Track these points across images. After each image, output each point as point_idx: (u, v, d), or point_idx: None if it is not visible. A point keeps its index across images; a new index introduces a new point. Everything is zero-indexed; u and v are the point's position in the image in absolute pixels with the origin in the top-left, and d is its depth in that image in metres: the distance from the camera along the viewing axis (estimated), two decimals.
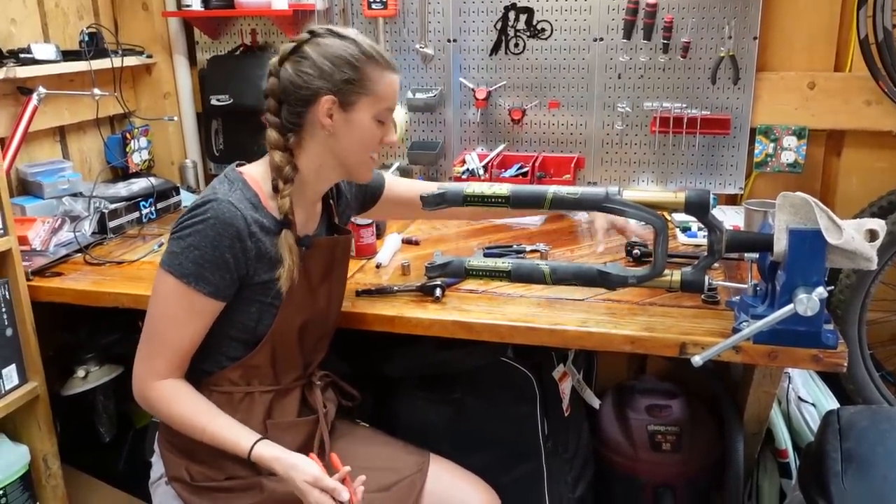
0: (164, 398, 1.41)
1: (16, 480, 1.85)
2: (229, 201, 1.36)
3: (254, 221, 1.38)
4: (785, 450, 1.92)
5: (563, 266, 1.55)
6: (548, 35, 2.37)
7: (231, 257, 1.36)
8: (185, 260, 1.35)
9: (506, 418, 1.94)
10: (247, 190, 1.40)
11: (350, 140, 1.42)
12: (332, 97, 1.38)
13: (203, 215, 1.35)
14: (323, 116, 1.39)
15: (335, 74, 1.38)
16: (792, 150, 2.25)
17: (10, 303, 1.80)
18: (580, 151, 2.45)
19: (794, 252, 1.33)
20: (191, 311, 1.38)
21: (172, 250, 1.37)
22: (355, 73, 1.39)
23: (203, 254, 1.34)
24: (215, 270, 1.35)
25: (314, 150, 1.44)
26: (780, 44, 2.24)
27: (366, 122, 1.42)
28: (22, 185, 2.22)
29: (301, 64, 1.39)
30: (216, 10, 2.52)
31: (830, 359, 1.39)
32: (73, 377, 2.08)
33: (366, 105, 1.41)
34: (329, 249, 1.53)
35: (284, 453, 1.39)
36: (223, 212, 1.34)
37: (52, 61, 2.17)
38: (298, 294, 1.46)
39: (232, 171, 1.45)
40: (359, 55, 1.39)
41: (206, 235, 1.34)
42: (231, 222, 1.34)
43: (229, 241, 1.35)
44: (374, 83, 1.40)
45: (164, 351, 1.40)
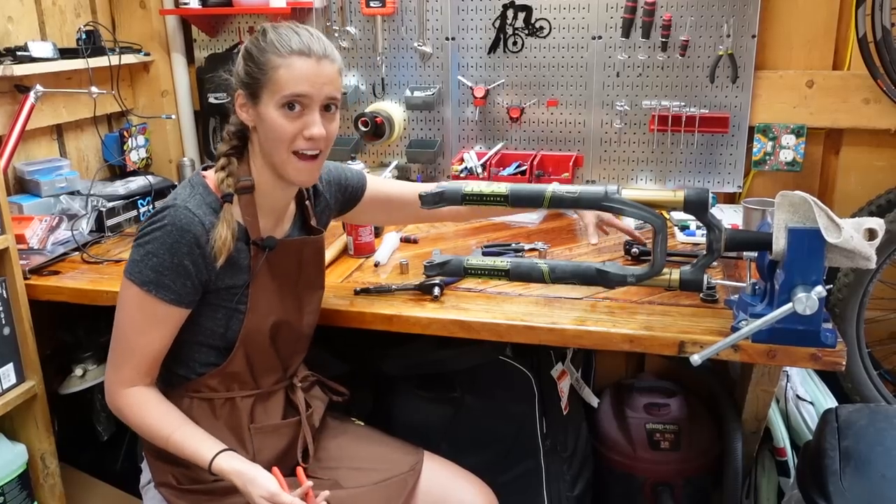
0: (133, 405, 1.40)
1: (14, 479, 1.85)
2: (186, 207, 1.34)
3: (213, 226, 1.35)
4: (783, 448, 1.92)
5: (561, 265, 1.54)
6: (546, 33, 2.37)
7: (190, 263, 1.34)
8: (145, 268, 1.33)
9: (504, 417, 1.94)
10: (208, 195, 1.38)
11: (266, 136, 1.37)
12: (240, 91, 1.38)
13: (161, 222, 1.33)
14: (240, 112, 1.40)
15: (241, 68, 1.38)
16: (790, 149, 2.25)
17: (8, 301, 1.80)
18: (579, 150, 2.44)
19: (793, 251, 1.33)
20: (154, 319, 1.36)
21: (133, 258, 1.35)
22: (255, 63, 1.35)
23: (161, 261, 1.33)
24: (175, 277, 1.34)
25: (256, 150, 1.43)
26: (778, 42, 2.24)
27: (272, 114, 1.35)
28: (19, 184, 2.22)
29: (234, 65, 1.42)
30: (214, 7, 2.51)
31: (829, 357, 1.39)
32: (71, 376, 2.08)
33: (267, 95, 1.35)
34: (296, 250, 1.50)
35: (245, 466, 1.36)
36: (180, 218, 1.32)
37: (50, 59, 2.16)
38: (265, 297, 1.44)
39: (195, 176, 1.43)
40: (261, 44, 1.35)
41: (163, 242, 1.32)
42: (188, 228, 1.32)
43: (187, 248, 1.33)
44: (273, 69, 1.33)
45: (130, 359, 1.39)
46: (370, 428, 1.74)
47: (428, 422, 1.95)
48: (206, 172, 1.44)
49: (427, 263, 1.61)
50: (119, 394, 1.41)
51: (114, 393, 1.41)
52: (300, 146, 1.37)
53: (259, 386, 1.50)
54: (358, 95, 2.58)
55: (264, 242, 1.43)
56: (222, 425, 1.46)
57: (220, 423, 1.46)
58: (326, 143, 1.39)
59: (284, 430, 1.52)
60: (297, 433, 1.53)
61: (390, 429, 1.75)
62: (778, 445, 1.92)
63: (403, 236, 2.08)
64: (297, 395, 1.55)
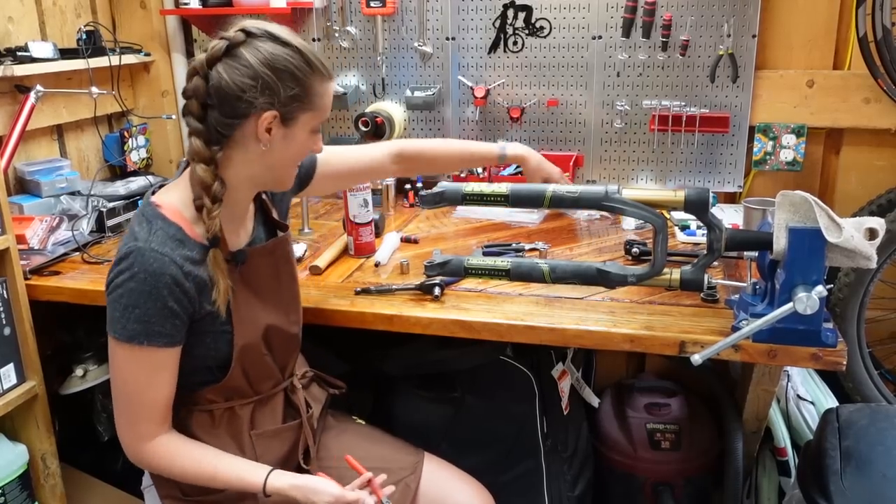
0: (163, 458, 1.36)
1: (14, 480, 1.85)
2: (153, 248, 1.26)
3: (185, 260, 1.28)
4: (784, 448, 1.92)
5: (562, 265, 1.55)
6: (546, 33, 2.37)
7: (175, 303, 1.28)
8: (129, 322, 1.27)
9: (505, 417, 1.94)
10: (168, 226, 1.29)
11: (284, 154, 1.34)
12: (274, 112, 1.28)
13: (130, 270, 1.26)
14: (262, 132, 1.29)
15: (280, 89, 1.27)
16: (791, 149, 2.25)
17: (8, 302, 1.80)
18: (579, 150, 2.44)
19: (794, 250, 1.33)
20: (154, 368, 1.31)
21: (113, 315, 1.29)
22: (300, 87, 1.29)
23: (145, 311, 1.26)
24: (164, 321, 1.28)
25: (241, 164, 1.33)
26: (779, 42, 2.24)
27: (303, 137, 1.34)
28: (19, 184, 2.22)
29: (238, 71, 1.26)
30: (214, 8, 2.52)
31: (830, 357, 1.39)
32: (72, 376, 2.08)
33: (306, 120, 1.32)
34: (269, 254, 1.47)
35: (299, 479, 1.36)
36: (150, 263, 1.25)
37: (50, 59, 2.16)
38: (248, 310, 1.41)
39: (148, 207, 1.33)
40: (304, 67, 1.29)
41: (141, 292, 1.25)
42: (162, 272, 1.25)
43: (167, 290, 1.26)
44: (318, 97, 1.32)
45: (143, 413, 1.33)
46: (371, 427, 1.74)
47: (428, 422, 1.95)
48: (159, 199, 1.34)
49: (427, 263, 1.61)
50: (143, 450, 1.35)
51: (137, 451, 1.36)
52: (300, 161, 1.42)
53: (258, 392, 1.48)
54: (358, 95, 2.58)
55: (235, 258, 1.39)
56: (223, 433, 1.44)
57: (221, 431, 1.44)
58: None
59: (286, 434, 1.51)
60: (298, 435, 1.53)
61: (391, 429, 1.75)
62: (779, 445, 1.92)
63: (404, 236, 2.08)
64: (297, 396, 1.55)
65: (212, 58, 1.28)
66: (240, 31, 1.30)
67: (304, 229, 2.18)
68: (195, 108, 1.29)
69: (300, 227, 2.17)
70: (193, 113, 1.30)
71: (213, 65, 1.28)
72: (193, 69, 1.30)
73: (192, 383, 1.41)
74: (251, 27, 1.31)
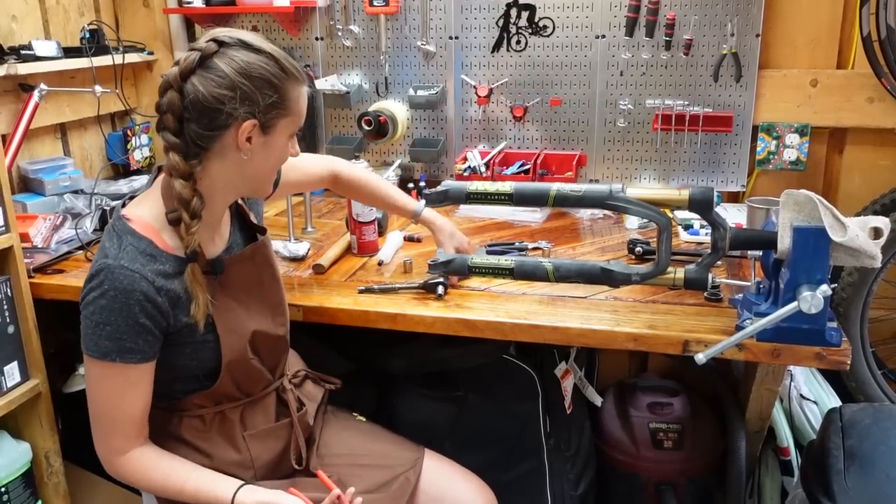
0: (136, 471, 1.35)
1: (18, 478, 1.85)
2: (122, 265, 1.24)
3: (156, 275, 1.27)
4: (787, 447, 1.92)
5: (565, 263, 1.54)
6: (550, 32, 2.37)
7: (147, 319, 1.26)
8: (101, 339, 1.25)
9: (508, 415, 1.94)
10: (139, 241, 1.28)
11: (265, 162, 1.33)
12: (254, 121, 1.27)
13: (100, 288, 1.24)
14: (242, 142, 1.27)
15: (258, 97, 1.25)
16: (794, 148, 2.24)
17: (12, 300, 1.80)
18: (582, 149, 2.44)
19: (798, 250, 1.33)
20: (126, 384, 1.30)
21: (86, 332, 1.28)
22: (277, 94, 1.27)
23: (116, 328, 1.25)
24: (136, 337, 1.26)
25: (220, 174, 1.32)
26: (782, 41, 2.24)
27: (282, 143, 1.33)
28: (23, 183, 2.22)
29: (214, 82, 1.24)
30: (217, 6, 2.52)
31: (834, 357, 1.39)
32: (75, 374, 2.08)
33: (284, 126, 1.32)
34: (248, 260, 1.45)
35: (268, 495, 1.35)
36: (120, 280, 1.23)
37: (54, 58, 2.17)
38: (232, 317, 1.39)
39: (118, 221, 1.31)
40: (279, 73, 1.28)
41: (112, 310, 1.24)
42: (133, 288, 1.24)
43: (139, 307, 1.24)
44: (294, 101, 1.31)
45: (117, 428, 1.33)
46: (372, 424, 1.74)
47: (432, 420, 1.95)
48: (129, 213, 1.32)
49: (431, 262, 1.61)
50: (116, 463, 1.34)
51: (111, 463, 1.35)
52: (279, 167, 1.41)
53: (248, 395, 1.47)
54: (361, 94, 2.58)
55: (213, 268, 1.37)
56: (215, 436, 1.43)
57: (213, 434, 1.43)
58: None
59: (280, 432, 1.51)
60: (291, 434, 1.52)
61: (394, 427, 1.75)
62: (781, 445, 1.92)
63: (407, 235, 2.09)
64: (288, 396, 1.53)
65: (185, 70, 1.25)
66: (211, 42, 1.26)
67: (307, 228, 2.18)
68: (171, 123, 1.26)
69: (303, 226, 2.18)
70: (169, 128, 1.27)
71: (186, 77, 1.25)
72: (167, 83, 1.26)
73: (178, 391, 1.40)
74: (222, 36, 1.27)
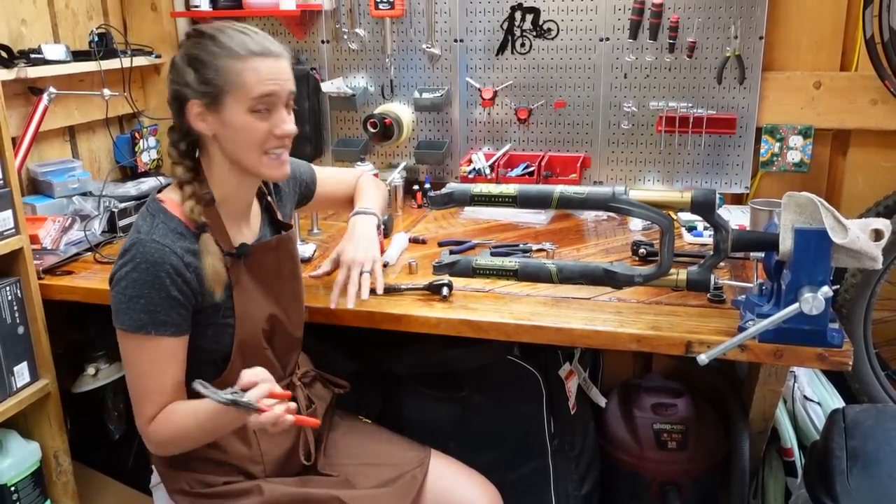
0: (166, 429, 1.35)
1: (27, 477, 1.87)
2: (154, 240, 1.31)
3: (185, 251, 1.33)
4: (790, 448, 1.92)
5: (569, 265, 1.56)
6: (554, 35, 2.38)
7: (178, 293, 1.32)
8: (135, 312, 1.30)
9: (512, 416, 1.95)
10: (170, 220, 1.35)
11: (234, 141, 1.35)
12: (196, 101, 1.32)
13: (133, 261, 1.30)
14: (196, 122, 1.34)
15: (191, 76, 1.32)
16: (798, 150, 2.25)
17: (22, 301, 1.82)
18: (586, 151, 2.45)
19: (800, 251, 1.34)
20: (163, 357, 1.34)
21: (119, 307, 1.32)
22: (211, 70, 1.31)
23: (150, 300, 1.30)
24: (170, 310, 1.31)
25: (215, 159, 1.39)
26: (786, 43, 2.25)
27: (240, 119, 1.32)
28: (32, 185, 2.24)
29: (171, 72, 1.36)
30: (224, 10, 2.54)
31: (836, 358, 1.40)
32: (84, 375, 2.10)
33: (233, 101, 1.32)
34: (272, 250, 1.50)
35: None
36: (151, 253, 1.30)
37: (63, 61, 2.19)
38: (250, 304, 1.43)
39: (153, 203, 1.39)
40: (213, 49, 1.31)
41: (144, 282, 1.29)
42: (163, 261, 1.30)
43: (170, 280, 1.30)
44: (235, 75, 1.31)
45: (155, 399, 1.35)
46: (377, 426, 1.76)
47: (436, 421, 1.96)
48: (163, 195, 1.40)
49: (436, 264, 1.62)
50: (151, 432, 1.37)
51: (146, 434, 1.37)
52: (271, 145, 1.37)
53: None
54: (366, 97, 2.59)
55: (238, 251, 1.42)
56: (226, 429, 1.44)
57: None
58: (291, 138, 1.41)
59: (290, 430, 1.51)
60: (301, 429, 1.54)
61: (399, 428, 1.76)
62: (785, 445, 1.93)
63: (412, 237, 2.10)
64: (298, 393, 1.56)
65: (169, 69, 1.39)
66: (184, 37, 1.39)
67: (313, 230, 2.19)
68: (173, 117, 1.40)
69: (309, 228, 2.19)
70: (173, 121, 1.41)
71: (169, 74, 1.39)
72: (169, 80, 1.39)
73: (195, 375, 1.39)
74: (190, 30, 1.39)
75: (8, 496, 1.83)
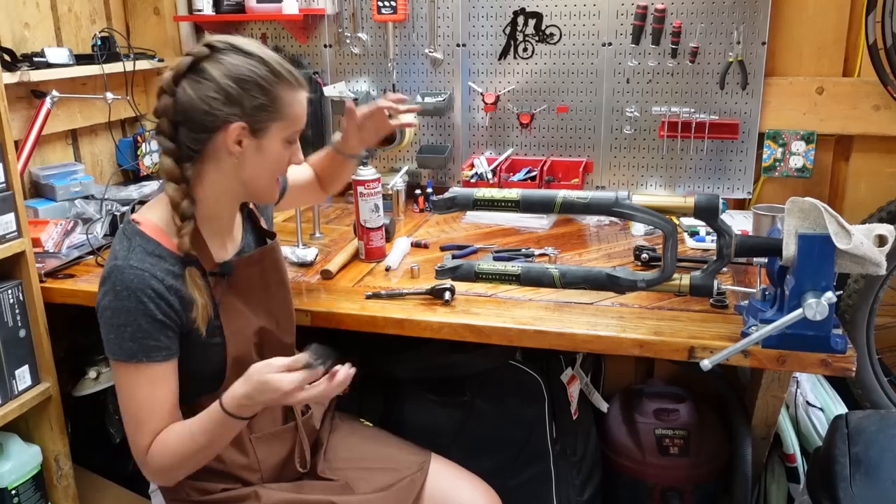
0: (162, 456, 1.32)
1: (28, 480, 1.87)
2: (131, 265, 1.27)
3: (166, 273, 1.29)
4: (793, 454, 1.92)
5: (572, 270, 1.55)
6: (556, 40, 2.38)
7: (163, 316, 1.28)
8: (124, 342, 1.27)
9: (514, 421, 1.95)
10: (147, 242, 1.31)
11: (259, 167, 1.34)
12: (242, 124, 1.28)
13: (114, 290, 1.27)
14: (231, 144, 1.30)
15: (244, 99, 1.28)
16: (800, 155, 2.25)
17: (24, 304, 1.82)
18: (589, 155, 2.45)
19: (803, 257, 1.34)
20: (157, 382, 1.31)
21: (108, 337, 1.29)
22: (266, 97, 1.29)
23: (137, 328, 1.27)
24: (158, 335, 1.29)
25: (216, 179, 1.34)
26: (788, 49, 2.25)
27: (277, 147, 1.34)
28: (35, 188, 2.25)
29: (203, 85, 1.27)
30: (227, 14, 2.55)
31: (839, 363, 1.39)
32: (85, 378, 2.10)
33: (277, 130, 1.33)
34: (256, 263, 1.47)
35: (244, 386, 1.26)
36: (131, 279, 1.26)
37: (66, 65, 2.19)
38: (238, 320, 1.41)
39: (128, 225, 1.34)
40: (268, 76, 1.29)
41: (128, 310, 1.26)
42: (144, 285, 1.26)
43: (154, 304, 1.27)
44: (287, 106, 1.32)
45: (151, 425, 1.32)
46: (378, 429, 1.76)
47: (438, 425, 1.96)
48: (139, 217, 1.36)
49: (438, 268, 1.62)
50: (149, 461, 1.34)
51: (145, 464, 1.35)
52: (284, 172, 1.42)
53: None
54: (369, 101, 2.57)
55: (221, 270, 1.38)
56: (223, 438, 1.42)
57: None
58: None
59: (285, 435, 1.52)
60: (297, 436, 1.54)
61: (401, 432, 1.76)
62: (788, 451, 1.93)
63: (414, 241, 2.10)
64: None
65: (177, 74, 1.29)
66: (204, 46, 1.30)
67: (315, 234, 2.19)
68: (166, 127, 1.30)
69: (311, 232, 2.19)
70: (165, 132, 1.30)
71: (178, 81, 1.29)
72: (161, 88, 1.30)
73: (187, 395, 1.40)
74: (215, 41, 1.31)
75: (9, 500, 1.83)
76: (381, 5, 2.41)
